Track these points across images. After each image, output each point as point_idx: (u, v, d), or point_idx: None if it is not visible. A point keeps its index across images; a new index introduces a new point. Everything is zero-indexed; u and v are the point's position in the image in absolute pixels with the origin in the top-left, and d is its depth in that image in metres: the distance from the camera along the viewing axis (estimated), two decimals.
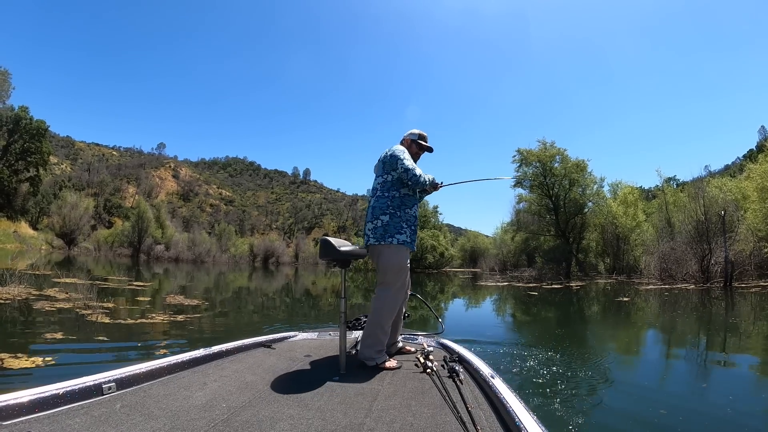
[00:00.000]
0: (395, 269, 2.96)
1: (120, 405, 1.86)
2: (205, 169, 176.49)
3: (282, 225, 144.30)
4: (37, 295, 9.07)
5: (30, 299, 8.49)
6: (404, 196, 3.10)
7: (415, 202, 3.17)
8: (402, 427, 1.77)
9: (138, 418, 1.73)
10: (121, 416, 1.74)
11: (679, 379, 4.80)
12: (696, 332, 8.19)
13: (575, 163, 33.46)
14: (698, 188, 24.34)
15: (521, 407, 1.76)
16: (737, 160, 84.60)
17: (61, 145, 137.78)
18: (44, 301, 8.32)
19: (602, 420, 3.27)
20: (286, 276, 28.52)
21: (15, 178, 53.75)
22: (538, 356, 5.36)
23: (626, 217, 31.02)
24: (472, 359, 2.66)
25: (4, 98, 50.18)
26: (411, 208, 3.11)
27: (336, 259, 2.71)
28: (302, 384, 2.33)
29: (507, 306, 13.61)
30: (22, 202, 55.15)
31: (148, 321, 7.00)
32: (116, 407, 1.83)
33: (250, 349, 3.07)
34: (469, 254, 58.90)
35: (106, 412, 1.77)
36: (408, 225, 3.05)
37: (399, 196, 3.08)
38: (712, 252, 21.94)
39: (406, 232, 3.02)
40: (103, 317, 6.95)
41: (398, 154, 3.04)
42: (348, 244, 2.76)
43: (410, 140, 3.37)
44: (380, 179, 3.15)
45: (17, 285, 9.82)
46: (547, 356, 5.40)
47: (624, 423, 3.24)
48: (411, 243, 3.04)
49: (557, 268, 31.85)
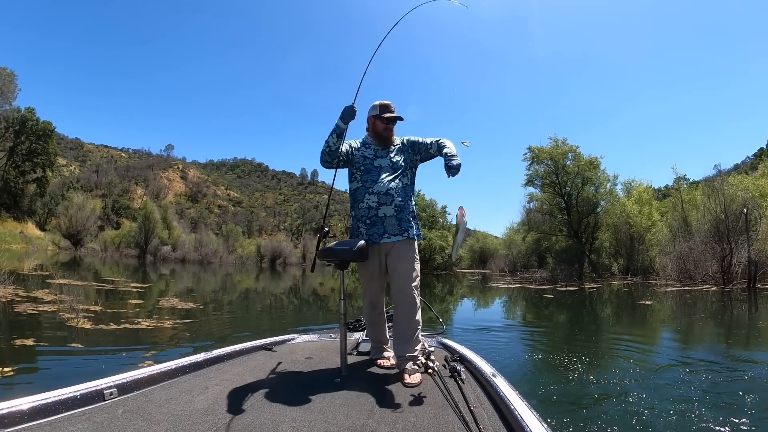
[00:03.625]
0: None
1: (122, 410, 1.84)
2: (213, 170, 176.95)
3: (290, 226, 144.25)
4: (23, 297, 8.61)
5: (15, 301, 8.04)
6: (353, 192, 2.80)
7: (363, 192, 2.73)
8: (404, 427, 1.75)
9: (140, 424, 1.72)
10: (123, 422, 1.73)
11: (699, 389, 4.15)
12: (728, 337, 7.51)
13: (588, 161, 32.55)
14: (716, 185, 23.48)
15: (523, 406, 1.74)
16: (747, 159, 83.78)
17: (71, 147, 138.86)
18: (29, 303, 7.85)
19: (604, 421, 3.21)
20: (293, 277, 28.09)
21: (22, 179, 53.86)
22: (558, 364, 4.93)
23: (641, 216, 30.09)
24: (474, 359, 2.63)
25: (10, 99, 50.21)
26: (362, 201, 2.73)
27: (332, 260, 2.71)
28: (304, 386, 2.31)
29: (522, 309, 12.94)
30: (29, 203, 55.34)
31: (132, 327, 6.45)
32: (118, 413, 1.81)
33: (251, 352, 3.04)
34: (478, 255, 57.92)
35: (108, 418, 1.75)
36: (357, 221, 2.76)
37: (351, 193, 2.82)
38: (732, 252, 21.15)
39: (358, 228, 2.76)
40: (84, 322, 6.45)
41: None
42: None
43: (372, 118, 2.83)
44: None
45: (5, 286, 9.34)
46: (566, 363, 4.99)
47: (626, 425, 3.15)
48: (368, 239, 2.69)
49: (570, 269, 30.97)
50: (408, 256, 2.68)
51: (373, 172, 2.73)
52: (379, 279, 2.78)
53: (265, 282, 22.69)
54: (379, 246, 2.70)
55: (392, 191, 2.67)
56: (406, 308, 2.64)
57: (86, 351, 4.97)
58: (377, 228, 2.68)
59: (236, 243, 55.85)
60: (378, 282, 2.80)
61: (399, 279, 2.65)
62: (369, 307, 2.87)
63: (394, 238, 2.67)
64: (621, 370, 4.86)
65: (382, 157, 2.77)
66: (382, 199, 2.66)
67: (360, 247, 2.58)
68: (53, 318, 6.74)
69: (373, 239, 2.67)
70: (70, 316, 6.72)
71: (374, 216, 2.68)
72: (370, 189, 2.69)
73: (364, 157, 2.77)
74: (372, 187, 2.69)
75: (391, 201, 2.66)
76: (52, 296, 8.82)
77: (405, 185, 2.76)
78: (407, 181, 2.79)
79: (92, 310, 7.61)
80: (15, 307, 7.33)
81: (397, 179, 2.72)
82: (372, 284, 2.81)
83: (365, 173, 2.74)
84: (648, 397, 3.82)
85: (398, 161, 2.77)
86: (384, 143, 2.81)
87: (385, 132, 2.79)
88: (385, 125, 2.78)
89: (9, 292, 8.87)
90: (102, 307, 8.18)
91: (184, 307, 9.07)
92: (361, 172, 2.75)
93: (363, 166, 2.75)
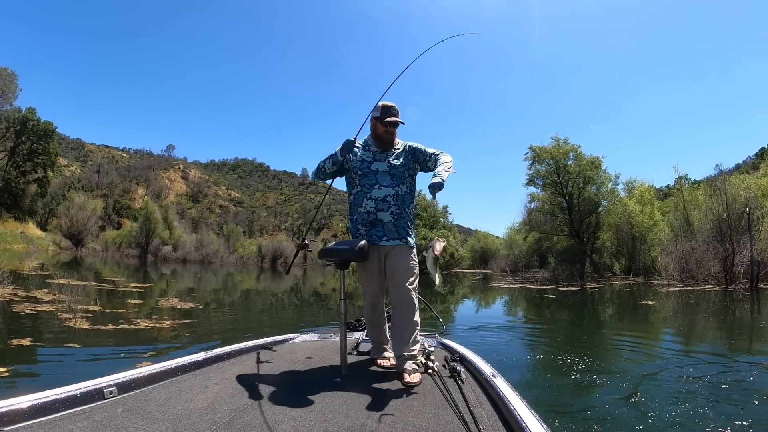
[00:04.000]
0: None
1: (121, 409, 1.83)
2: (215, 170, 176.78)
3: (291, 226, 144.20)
4: (23, 297, 8.57)
5: (14, 301, 7.99)
6: (353, 196, 2.81)
7: (362, 197, 2.73)
8: (404, 427, 1.75)
9: (140, 422, 1.71)
10: (123, 420, 1.72)
11: (702, 390, 4.04)
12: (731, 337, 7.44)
13: (590, 161, 32.38)
14: (719, 185, 23.35)
15: (523, 406, 1.73)
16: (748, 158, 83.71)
17: (72, 147, 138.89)
18: (27, 303, 7.81)
19: (605, 422, 3.18)
20: (294, 277, 28.02)
21: (23, 179, 53.88)
22: (560, 365, 4.83)
23: (643, 216, 29.96)
24: (474, 359, 2.62)
25: (11, 100, 50.24)
26: (360, 205, 2.73)
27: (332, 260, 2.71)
28: (303, 386, 2.31)
29: (524, 310, 12.87)
30: (30, 203, 55.35)
31: (131, 327, 6.40)
32: (118, 411, 1.81)
33: (251, 351, 3.01)
34: (479, 255, 57.77)
35: (107, 417, 1.74)
36: (356, 224, 2.78)
37: (351, 198, 2.84)
38: (735, 252, 21.05)
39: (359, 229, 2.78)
40: (83, 322, 6.41)
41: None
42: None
43: (374, 119, 2.78)
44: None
45: (4, 286, 9.30)
46: (568, 363, 4.90)
47: (627, 426, 3.11)
48: (368, 239, 2.69)
49: (571, 269, 30.81)
50: (406, 257, 2.68)
51: (370, 176, 2.70)
52: (378, 279, 2.76)
53: (266, 282, 22.64)
54: (378, 248, 2.69)
55: (389, 198, 2.66)
56: (404, 308, 2.62)
57: (83, 351, 4.92)
58: (377, 230, 2.69)
59: (237, 243, 55.76)
60: (377, 282, 2.78)
61: (397, 279, 2.64)
62: (369, 308, 2.85)
63: (393, 242, 2.68)
64: (623, 371, 4.80)
65: (380, 160, 2.73)
66: (379, 205, 2.66)
67: (361, 246, 2.56)
68: (51, 318, 6.69)
69: (373, 240, 2.67)
70: (68, 316, 6.67)
71: (374, 219, 2.69)
72: (368, 194, 2.69)
73: (362, 161, 2.73)
74: (370, 192, 2.68)
75: (388, 208, 2.65)
76: (51, 296, 8.76)
77: (403, 193, 2.73)
78: (405, 189, 2.75)
79: (91, 310, 7.56)
80: (13, 307, 7.29)
81: (395, 186, 2.70)
82: (371, 284, 2.79)
83: (363, 177, 2.72)
84: (650, 398, 3.76)
85: (396, 166, 2.72)
86: (383, 146, 2.76)
87: (385, 135, 2.73)
88: (386, 128, 2.71)
89: (8, 292, 8.83)
90: (101, 307, 8.13)
91: (184, 307, 9.02)
92: (359, 176, 2.73)
93: (360, 170, 2.72)
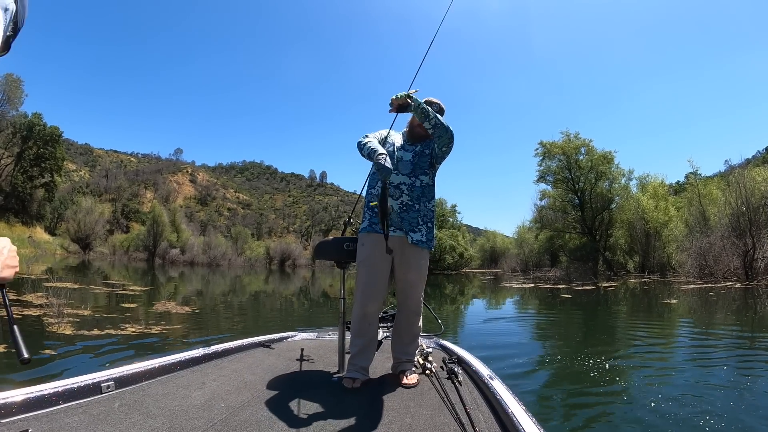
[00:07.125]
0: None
1: (118, 404, 1.83)
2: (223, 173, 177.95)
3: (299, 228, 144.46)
4: (12, 301, 8.18)
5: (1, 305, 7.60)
6: (371, 176, 2.66)
7: (376, 179, 2.58)
8: (400, 428, 1.72)
9: (136, 417, 1.70)
10: (120, 415, 1.71)
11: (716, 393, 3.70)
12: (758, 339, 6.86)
13: (602, 155, 31.67)
14: (736, 177, 22.63)
15: (520, 409, 1.70)
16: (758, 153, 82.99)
17: (80, 152, 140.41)
18: (15, 307, 7.40)
19: (606, 425, 3.13)
20: (303, 278, 27.71)
21: (30, 184, 54.33)
22: (566, 366, 4.65)
23: (657, 212, 29.20)
24: (472, 360, 2.58)
25: (17, 105, 50.58)
26: (373, 187, 2.61)
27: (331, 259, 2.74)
28: (301, 384, 2.29)
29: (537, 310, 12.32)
30: (38, 208, 55.70)
31: (116, 333, 5.99)
32: (114, 406, 1.80)
33: (249, 349, 3.02)
34: (489, 255, 57.13)
35: (104, 411, 1.73)
36: (367, 208, 2.63)
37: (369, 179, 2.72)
38: (755, 246, 20.34)
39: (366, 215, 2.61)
40: (66, 327, 6.03)
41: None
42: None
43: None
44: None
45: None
46: (578, 367, 4.62)
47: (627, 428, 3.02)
48: (369, 227, 2.53)
49: (584, 268, 30.13)
50: (419, 262, 2.50)
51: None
52: (381, 272, 2.46)
53: (275, 284, 22.28)
54: (378, 235, 2.46)
55: (403, 186, 2.51)
56: (410, 315, 2.53)
57: (58, 358, 4.63)
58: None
59: (245, 245, 55.71)
60: (380, 278, 2.46)
61: (407, 285, 2.50)
62: (359, 316, 2.47)
63: (399, 232, 2.49)
64: (631, 375, 4.55)
65: (406, 150, 2.61)
66: (390, 191, 2.51)
67: (347, 247, 2.57)
68: (35, 322, 6.34)
69: (376, 229, 2.49)
70: (53, 321, 6.31)
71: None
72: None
73: (392, 144, 2.61)
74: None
75: (399, 196, 2.50)
76: (44, 300, 8.41)
77: (423, 185, 2.54)
78: (427, 181, 2.57)
79: (79, 314, 7.18)
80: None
81: (413, 176, 2.54)
82: (371, 277, 2.46)
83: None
84: (656, 403, 3.49)
85: (420, 158, 2.57)
86: (414, 139, 2.65)
87: (418, 128, 2.61)
88: (420, 122, 2.52)
89: None
90: (90, 311, 7.74)
91: (179, 311, 8.60)
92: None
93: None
